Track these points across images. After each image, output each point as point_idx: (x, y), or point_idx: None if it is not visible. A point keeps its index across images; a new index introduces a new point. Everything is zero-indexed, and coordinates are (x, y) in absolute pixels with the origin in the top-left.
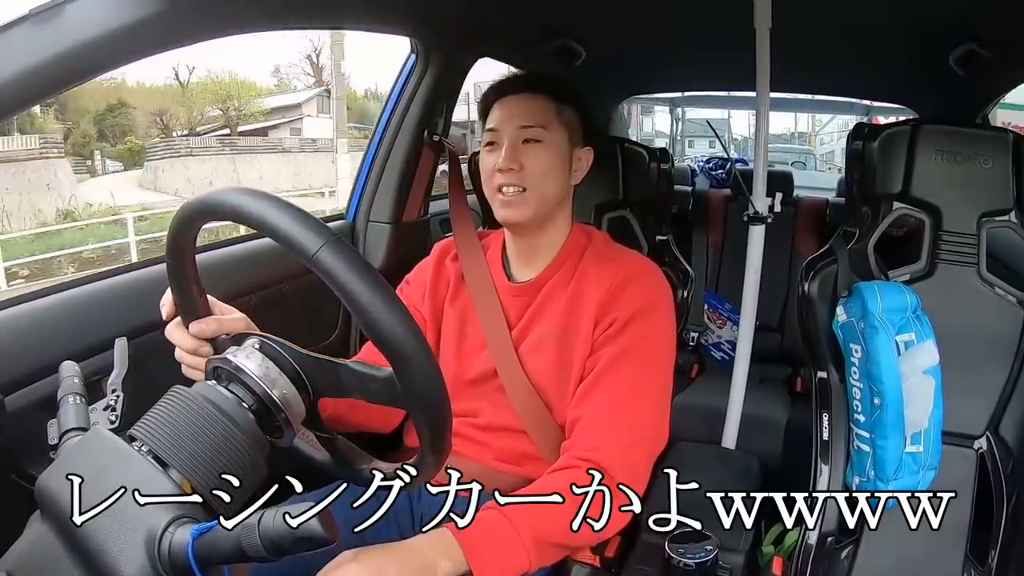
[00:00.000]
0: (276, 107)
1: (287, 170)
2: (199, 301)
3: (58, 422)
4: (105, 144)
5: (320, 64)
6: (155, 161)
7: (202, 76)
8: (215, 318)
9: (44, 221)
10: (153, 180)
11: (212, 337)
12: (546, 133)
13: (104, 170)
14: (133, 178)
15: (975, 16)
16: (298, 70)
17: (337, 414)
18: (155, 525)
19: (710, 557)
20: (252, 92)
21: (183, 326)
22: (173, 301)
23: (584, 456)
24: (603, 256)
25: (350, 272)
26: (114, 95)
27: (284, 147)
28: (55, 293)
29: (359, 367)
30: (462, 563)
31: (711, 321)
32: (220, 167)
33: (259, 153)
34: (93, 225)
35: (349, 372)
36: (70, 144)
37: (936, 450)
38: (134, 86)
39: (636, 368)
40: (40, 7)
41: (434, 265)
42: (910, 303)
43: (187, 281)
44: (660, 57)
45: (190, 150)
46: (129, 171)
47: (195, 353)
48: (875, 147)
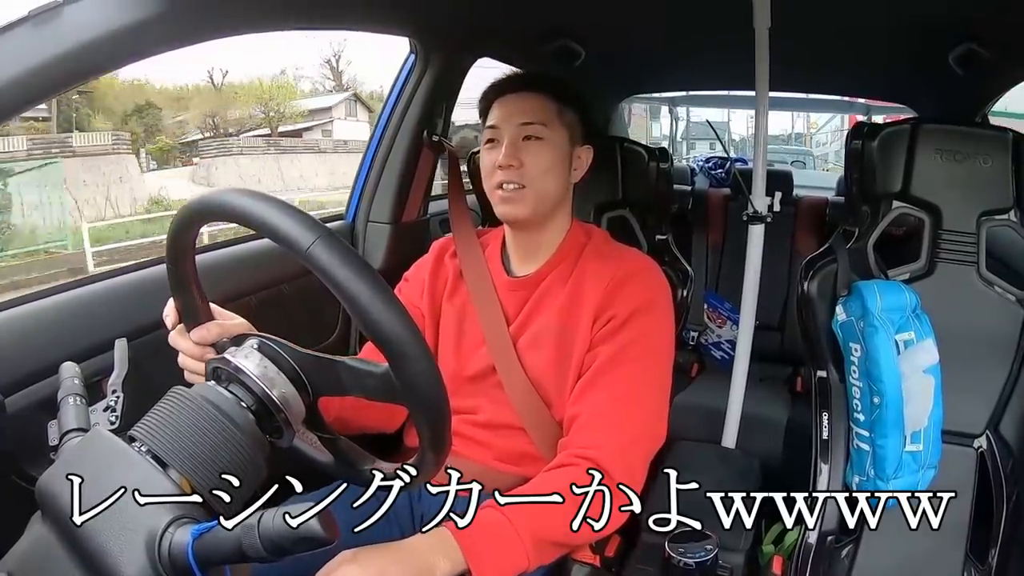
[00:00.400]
0: (311, 109)
1: (323, 169)
2: (200, 306)
3: (58, 423)
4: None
5: (340, 68)
6: (209, 159)
7: (236, 78)
8: (217, 323)
9: (134, 210)
10: (206, 176)
11: (215, 342)
12: (546, 131)
13: (148, 167)
14: (185, 174)
15: (975, 15)
16: (314, 72)
17: (342, 417)
18: (155, 526)
19: (710, 557)
20: (290, 95)
21: (186, 333)
22: (176, 308)
23: (582, 454)
24: (603, 253)
25: (344, 267)
26: (140, 95)
27: (320, 148)
28: (55, 294)
29: (356, 363)
30: (461, 563)
31: (711, 320)
32: (266, 165)
33: (299, 153)
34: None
35: (347, 369)
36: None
37: (936, 449)
38: (161, 87)
39: (635, 366)
40: (40, 8)
41: (432, 263)
42: (910, 302)
43: (188, 286)
44: (659, 57)
45: (240, 149)
46: (176, 168)
47: (200, 359)
48: (875, 146)
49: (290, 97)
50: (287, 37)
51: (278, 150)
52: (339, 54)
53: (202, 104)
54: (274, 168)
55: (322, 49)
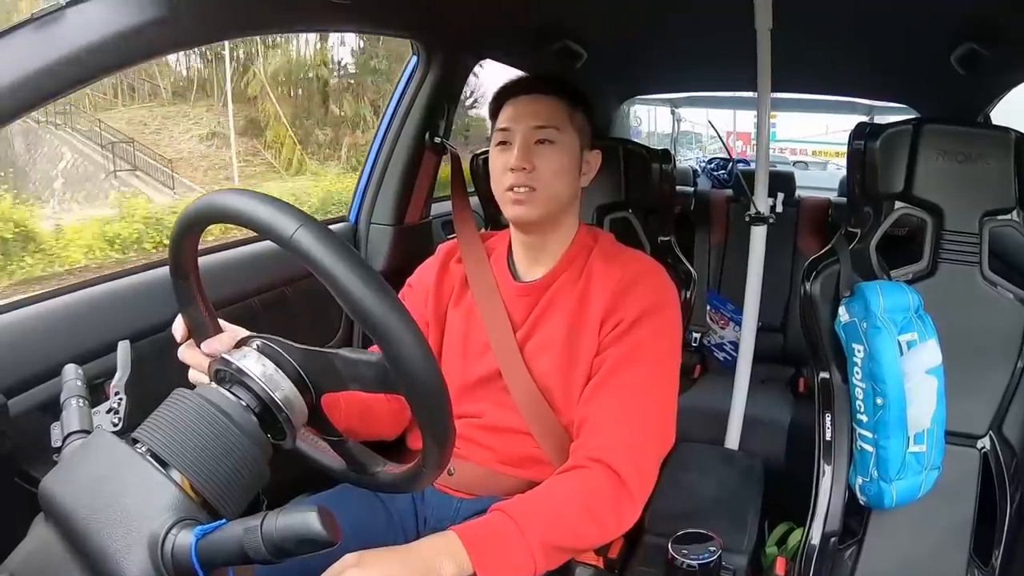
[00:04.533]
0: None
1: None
2: (208, 320)
3: (61, 425)
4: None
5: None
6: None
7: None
8: (229, 335)
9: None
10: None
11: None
12: (559, 134)
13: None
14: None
15: (976, 15)
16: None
17: (350, 427)
18: (158, 527)
19: (713, 558)
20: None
21: (195, 346)
22: (184, 323)
23: (595, 456)
24: (609, 256)
25: (327, 252)
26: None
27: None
28: (58, 296)
29: (351, 353)
30: (467, 566)
31: (713, 322)
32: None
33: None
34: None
35: (342, 360)
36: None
37: (939, 450)
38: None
39: (644, 368)
40: (42, 11)
41: (438, 268)
42: (912, 303)
43: (194, 300)
44: (661, 58)
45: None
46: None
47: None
48: (877, 146)
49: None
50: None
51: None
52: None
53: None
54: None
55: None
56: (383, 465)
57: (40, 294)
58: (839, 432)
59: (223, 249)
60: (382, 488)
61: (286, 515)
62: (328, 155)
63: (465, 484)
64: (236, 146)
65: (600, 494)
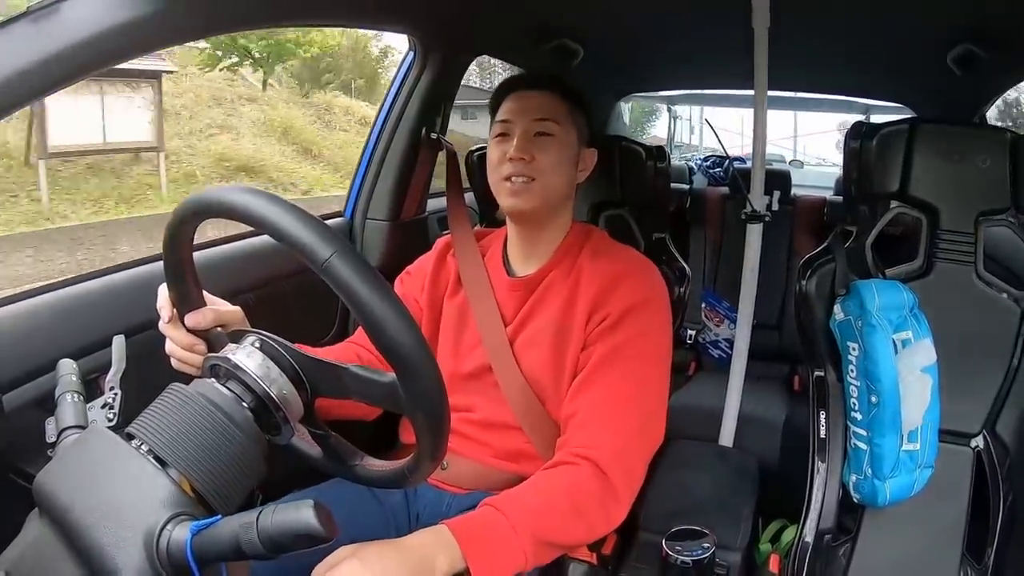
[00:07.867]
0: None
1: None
2: (195, 294)
3: (56, 420)
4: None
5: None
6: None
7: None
8: (211, 308)
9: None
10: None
11: (209, 328)
12: (558, 128)
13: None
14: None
15: (973, 16)
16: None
17: (323, 406)
18: (153, 523)
19: (707, 555)
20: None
21: (179, 320)
22: (170, 298)
23: (581, 453)
24: (600, 252)
25: (361, 283)
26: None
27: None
28: (52, 291)
29: (362, 371)
30: (459, 560)
31: (709, 319)
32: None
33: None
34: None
35: (351, 376)
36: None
37: (933, 448)
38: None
39: (631, 365)
40: (38, 5)
41: (435, 259)
42: (907, 301)
43: (183, 272)
44: (658, 56)
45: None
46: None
47: (190, 349)
48: (873, 146)
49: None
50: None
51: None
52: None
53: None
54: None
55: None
56: (362, 459)
57: (34, 289)
58: (833, 430)
59: (217, 244)
60: (374, 483)
61: (282, 511)
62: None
63: (458, 479)
64: None
65: (586, 492)
